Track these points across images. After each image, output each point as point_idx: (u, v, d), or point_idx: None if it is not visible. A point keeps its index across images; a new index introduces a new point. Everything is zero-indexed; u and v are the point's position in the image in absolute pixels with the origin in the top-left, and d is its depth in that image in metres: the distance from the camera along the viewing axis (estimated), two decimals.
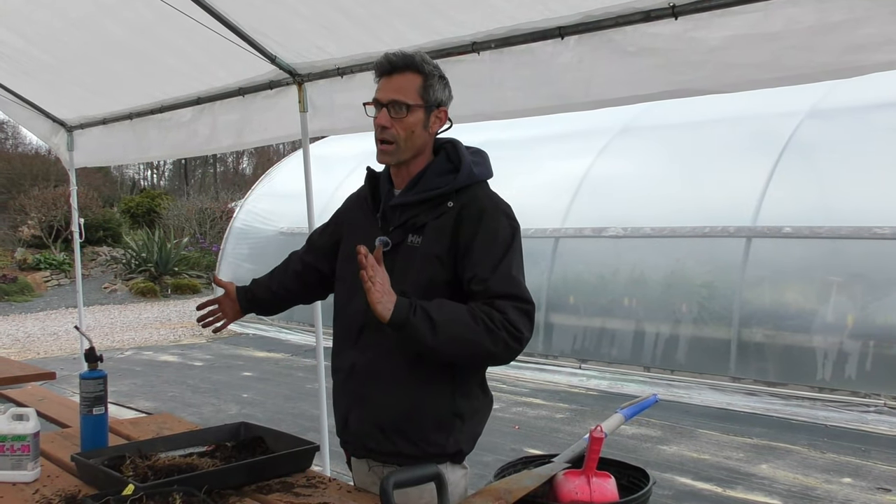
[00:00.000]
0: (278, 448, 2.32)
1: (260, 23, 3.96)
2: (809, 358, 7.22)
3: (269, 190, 14.35)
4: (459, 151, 2.17)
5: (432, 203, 2.12)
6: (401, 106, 2.09)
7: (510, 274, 2.05)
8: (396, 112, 2.09)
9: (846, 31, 2.45)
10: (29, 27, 4.56)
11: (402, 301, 1.95)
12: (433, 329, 1.94)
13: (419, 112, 2.11)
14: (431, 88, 2.12)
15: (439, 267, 2.08)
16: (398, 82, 2.11)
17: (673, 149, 9.39)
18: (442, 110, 2.16)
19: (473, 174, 2.14)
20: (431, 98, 2.12)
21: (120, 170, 34.03)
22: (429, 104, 2.12)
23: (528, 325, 2.03)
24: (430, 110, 2.13)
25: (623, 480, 2.03)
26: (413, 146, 2.13)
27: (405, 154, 2.13)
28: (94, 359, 2.44)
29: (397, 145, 2.11)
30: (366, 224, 2.23)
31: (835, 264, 7.39)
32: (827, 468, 5.57)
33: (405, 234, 2.12)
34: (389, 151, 2.12)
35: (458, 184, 2.12)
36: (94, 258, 19.83)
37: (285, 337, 11.90)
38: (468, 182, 2.13)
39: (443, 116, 2.17)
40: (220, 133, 4.85)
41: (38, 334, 12.71)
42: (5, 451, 2.18)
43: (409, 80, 2.10)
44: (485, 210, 2.10)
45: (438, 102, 2.15)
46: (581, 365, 8.63)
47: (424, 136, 2.14)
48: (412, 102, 2.09)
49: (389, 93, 2.10)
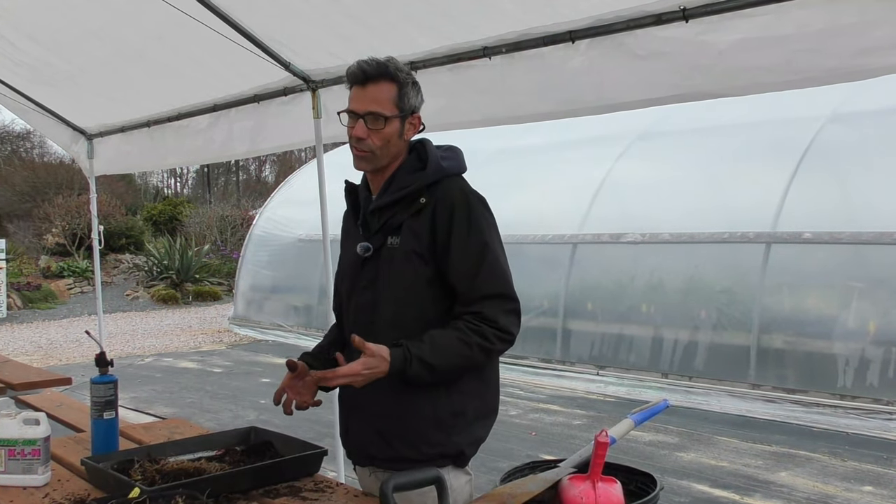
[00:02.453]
0: (287, 452, 2.32)
1: (274, 30, 3.99)
2: (830, 365, 7.14)
3: (289, 197, 14.42)
4: (427, 149, 2.18)
5: (406, 202, 2.12)
6: (378, 117, 2.09)
7: (493, 271, 2.08)
8: (374, 123, 2.09)
9: (857, 33, 2.43)
10: (49, 36, 4.61)
11: (395, 356, 1.98)
12: (432, 372, 2.01)
13: (395, 122, 2.11)
14: (406, 96, 2.12)
15: (421, 264, 2.09)
16: (373, 92, 2.09)
17: (692, 154, 9.34)
18: (416, 117, 2.17)
19: (442, 168, 2.14)
20: (406, 106, 2.13)
21: (144, 178, 34.36)
22: (404, 112, 2.12)
23: (518, 324, 2.13)
24: (405, 118, 2.13)
25: (631, 486, 2.01)
26: (389, 154, 2.14)
27: (382, 161, 2.15)
28: (105, 363, 2.47)
29: (373, 154, 2.12)
30: (353, 235, 2.26)
31: (856, 270, 7.30)
32: (847, 476, 5.50)
33: (385, 237, 2.14)
34: (367, 158, 2.13)
35: (427, 179, 2.12)
36: (117, 266, 20.02)
37: (304, 343, 11.93)
38: (437, 176, 2.13)
39: (416, 122, 2.18)
40: (236, 139, 4.87)
41: (61, 341, 12.84)
42: (16, 455, 2.20)
43: (384, 90, 2.10)
44: (455, 204, 2.09)
45: (412, 109, 2.15)
46: (599, 371, 8.59)
47: (400, 144, 2.16)
48: (389, 114, 2.09)
49: (365, 104, 2.09)
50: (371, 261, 2.14)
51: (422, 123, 2.20)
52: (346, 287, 2.26)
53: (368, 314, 2.15)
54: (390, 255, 2.12)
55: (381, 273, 2.12)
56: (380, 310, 2.12)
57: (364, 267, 2.17)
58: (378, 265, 2.13)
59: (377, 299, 2.13)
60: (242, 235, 18.87)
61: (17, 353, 11.15)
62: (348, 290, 2.24)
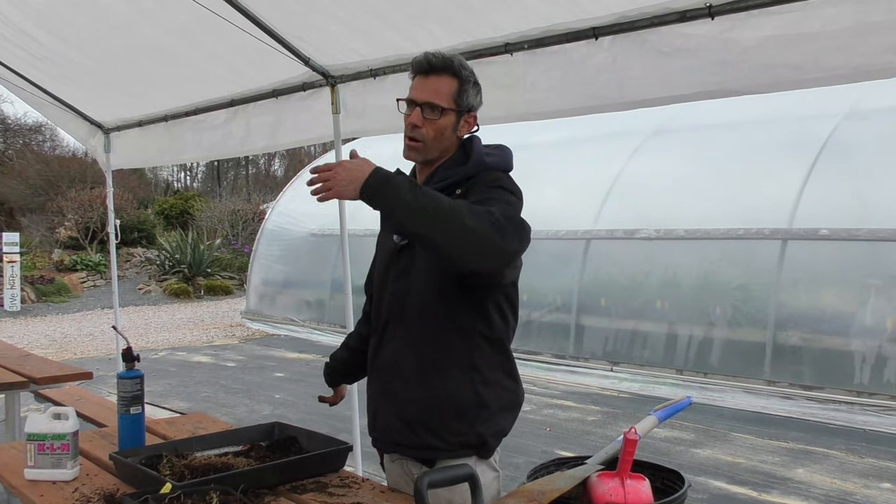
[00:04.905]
0: (312, 448, 2.33)
1: (294, 26, 3.99)
2: (847, 362, 7.12)
3: (301, 191, 14.40)
4: (473, 144, 2.19)
5: (444, 194, 2.11)
6: (435, 108, 2.11)
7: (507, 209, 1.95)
8: (430, 113, 2.12)
9: (886, 30, 2.41)
10: (70, 31, 4.63)
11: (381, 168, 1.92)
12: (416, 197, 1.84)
13: (451, 116, 2.13)
14: (465, 94, 2.15)
15: None
16: (434, 84, 2.13)
17: (707, 150, 9.31)
18: (472, 115, 2.19)
19: (484, 163, 2.15)
20: (464, 103, 2.15)
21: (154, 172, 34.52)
22: (461, 109, 2.15)
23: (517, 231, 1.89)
24: (461, 115, 2.16)
25: (657, 483, 2.02)
26: (440, 147, 2.16)
27: (431, 153, 2.16)
28: (132, 358, 2.47)
29: (424, 144, 2.14)
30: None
31: (873, 267, 7.27)
32: (866, 473, 5.49)
33: None
34: (417, 148, 2.15)
35: (467, 172, 2.13)
36: (129, 259, 20.09)
37: (316, 338, 11.97)
38: (478, 170, 2.14)
39: (472, 121, 2.20)
40: (254, 135, 4.88)
41: (75, 335, 12.90)
42: (45, 449, 2.22)
43: (445, 84, 2.13)
44: (489, 178, 2.09)
45: (470, 108, 2.17)
46: (613, 367, 8.58)
47: (452, 139, 2.17)
48: (446, 106, 2.12)
49: (425, 93, 2.13)
50: (407, 250, 2.15)
51: (476, 123, 2.22)
52: (380, 275, 2.27)
53: (400, 302, 2.16)
54: None
55: (416, 262, 2.13)
56: (411, 298, 2.13)
57: (400, 256, 2.18)
58: (414, 255, 2.14)
59: (409, 288, 2.14)
60: (254, 230, 18.93)
61: (32, 346, 11.20)
62: (382, 278, 2.25)
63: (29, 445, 2.23)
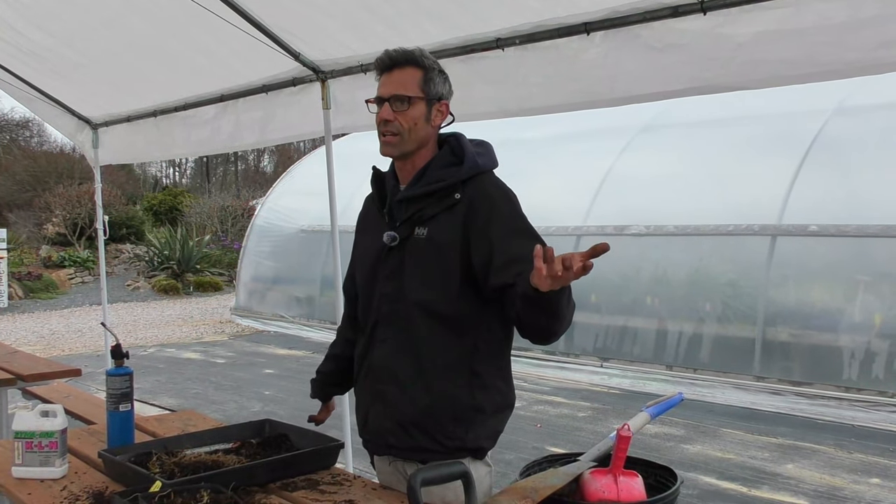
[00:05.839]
0: (303, 445, 2.32)
1: (285, 21, 3.96)
2: (836, 357, 7.14)
3: (291, 188, 14.40)
4: (462, 144, 2.18)
5: (438, 196, 2.12)
6: (402, 99, 2.11)
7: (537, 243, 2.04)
8: (399, 105, 2.11)
9: (878, 25, 2.41)
10: (58, 25, 4.59)
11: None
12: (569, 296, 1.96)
13: (421, 104, 2.12)
14: (432, 82, 2.14)
15: (451, 256, 2.08)
16: (399, 77, 2.13)
17: (697, 146, 9.32)
18: (443, 104, 2.18)
19: (478, 164, 2.15)
20: (432, 91, 2.14)
21: (143, 167, 34.32)
22: (430, 97, 2.14)
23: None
24: (431, 103, 2.14)
25: (650, 479, 2.01)
26: (416, 138, 2.14)
27: (409, 146, 2.14)
28: (121, 355, 2.45)
29: (401, 136, 2.12)
30: (376, 222, 2.25)
31: (862, 263, 7.30)
32: (854, 468, 5.51)
33: (412, 228, 2.13)
34: (393, 143, 2.14)
35: (462, 175, 2.13)
36: (118, 256, 20.00)
37: (306, 335, 11.94)
38: (473, 173, 2.14)
39: (444, 110, 2.19)
40: (244, 130, 4.86)
41: (63, 331, 12.84)
42: (33, 447, 2.20)
43: (409, 75, 2.13)
44: (494, 198, 2.12)
45: (439, 96, 2.16)
46: (603, 363, 8.59)
47: (427, 129, 2.16)
48: (413, 95, 2.11)
49: (391, 87, 2.13)
50: (396, 250, 2.13)
51: (450, 113, 2.20)
52: (366, 276, 2.24)
53: (392, 304, 2.14)
54: (417, 245, 2.12)
55: (407, 263, 2.11)
56: (405, 299, 2.12)
57: (388, 256, 2.16)
58: (404, 255, 2.12)
59: (402, 289, 2.12)
60: (243, 226, 18.86)
61: (19, 343, 11.14)
62: (368, 279, 2.23)
63: (17, 443, 2.20)
